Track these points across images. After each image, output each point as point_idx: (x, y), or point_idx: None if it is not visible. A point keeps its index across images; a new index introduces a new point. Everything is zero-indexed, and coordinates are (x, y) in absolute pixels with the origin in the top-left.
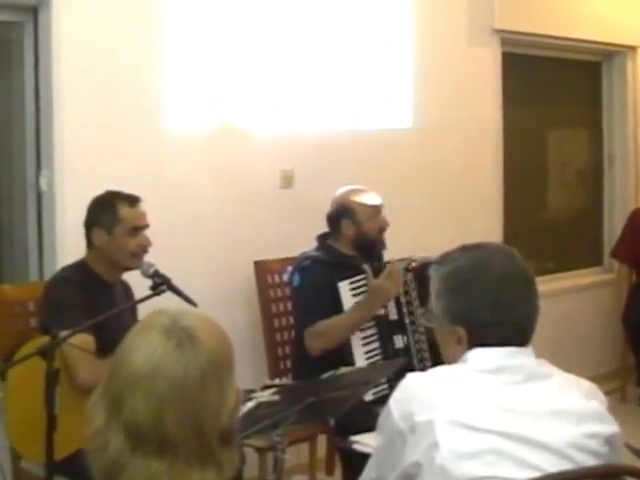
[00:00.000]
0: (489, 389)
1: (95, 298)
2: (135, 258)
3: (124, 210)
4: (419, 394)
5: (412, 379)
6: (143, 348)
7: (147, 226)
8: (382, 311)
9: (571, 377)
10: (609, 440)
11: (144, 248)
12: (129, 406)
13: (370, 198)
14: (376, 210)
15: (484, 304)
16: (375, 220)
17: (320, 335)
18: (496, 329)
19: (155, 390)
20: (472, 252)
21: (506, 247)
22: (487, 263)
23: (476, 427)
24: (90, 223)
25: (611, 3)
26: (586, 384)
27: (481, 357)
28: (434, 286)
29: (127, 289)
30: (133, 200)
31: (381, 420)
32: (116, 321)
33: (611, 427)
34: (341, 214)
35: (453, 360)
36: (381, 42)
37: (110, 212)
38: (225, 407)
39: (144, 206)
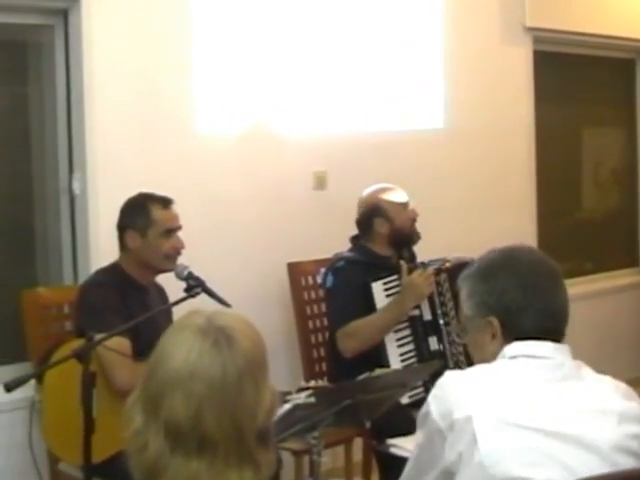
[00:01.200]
0: (529, 385)
1: (129, 301)
2: (169, 260)
3: (157, 212)
4: (457, 391)
5: (450, 377)
6: (180, 348)
7: (180, 228)
8: (416, 312)
9: (608, 378)
10: None
11: (177, 250)
12: (168, 406)
13: (396, 194)
14: (404, 205)
15: (515, 286)
16: (405, 213)
17: (352, 336)
18: (529, 313)
19: (194, 390)
20: (499, 249)
21: (533, 247)
22: (515, 253)
23: (516, 424)
24: (123, 226)
25: None
26: (623, 386)
27: (519, 350)
28: (465, 290)
29: (161, 292)
30: (166, 202)
31: (420, 419)
32: (151, 324)
33: None
34: (372, 214)
35: (490, 359)
36: (412, 42)
37: (143, 214)
38: (261, 406)
39: (176, 208)
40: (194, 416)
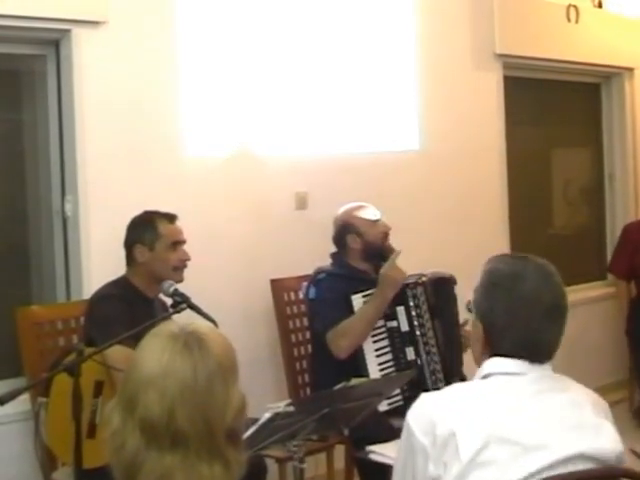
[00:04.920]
0: (505, 400)
1: (137, 313)
2: (176, 272)
3: (164, 226)
4: (438, 409)
5: (429, 398)
6: (153, 351)
7: (185, 241)
8: (394, 323)
9: (586, 393)
10: (618, 457)
11: (184, 262)
12: (143, 404)
13: (366, 211)
14: (374, 221)
15: (504, 309)
16: (376, 228)
17: (343, 335)
18: (508, 338)
19: (167, 388)
20: (515, 260)
21: (550, 269)
22: (521, 276)
23: (495, 436)
24: (132, 241)
25: (608, 26)
26: (601, 402)
27: (494, 367)
28: (478, 283)
29: (164, 306)
30: (171, 217)
31: (403, 440)
32: None
33: (619, 446)
34: (345, 231)
35: (476, 355)
36: (388, 68)
37: (151, 229)
38: (230, 407)
39: (180, 223)
40: (167, 413)
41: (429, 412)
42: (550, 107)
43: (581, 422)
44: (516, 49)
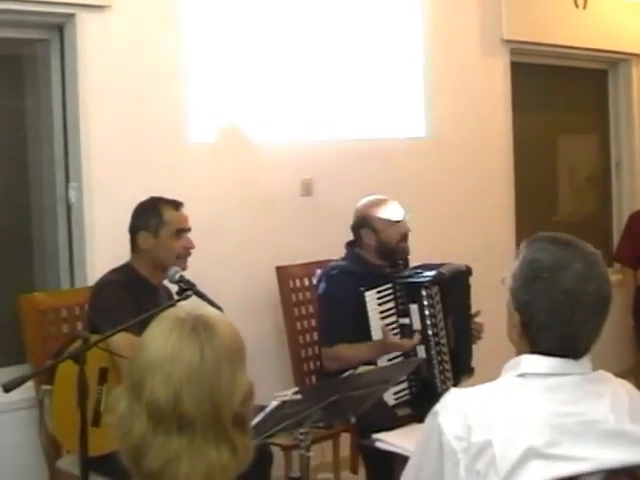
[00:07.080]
0: (545, 409)
1: (141, 300)
2: (180, 260)
3: (169, 213)
4: (474, 413)
5: (462, 398)
6: (159, 335)
7: (190, 229)
8: (407, 320)
9: (626, 391)
10: None
11: (188, 250)
12: (149, 388)
13: (387, 209)
14: (392, 221)
15: (543, 305)
16: (393, 228)
17: (334, 360)
18: (545, 334)
19: (173, 371)
20: (557, 249)
21: (595, 257)
22: (564, 268)
23: (534, 451)
24: (136, 227)
25: (615, 12)
26: (638, 400)
27: (535, 366)
28: (516, 262)
29: (169, 293)
30: (177, 204)
31: (431, 437)
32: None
33: None
34: (361, 224)
35: (512, 339)
36: (395, 54)
37: (156, 216)
38: (237, 391)
39: (184, 210)
40: (174, 396)
41: (464, 415)
42: (557, 93)
43: (620, 433)
44: (523, 35)
